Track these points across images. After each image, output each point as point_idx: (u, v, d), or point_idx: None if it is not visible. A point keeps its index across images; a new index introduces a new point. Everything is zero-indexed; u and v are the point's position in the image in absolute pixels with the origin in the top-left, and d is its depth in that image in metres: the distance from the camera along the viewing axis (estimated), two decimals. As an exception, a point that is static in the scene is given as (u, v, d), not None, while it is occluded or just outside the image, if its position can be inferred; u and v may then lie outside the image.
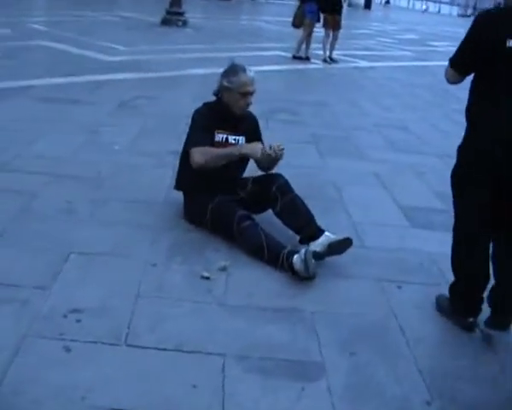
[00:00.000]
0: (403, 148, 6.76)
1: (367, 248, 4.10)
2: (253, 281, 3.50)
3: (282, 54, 13.10)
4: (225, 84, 3.92)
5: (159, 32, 14.90)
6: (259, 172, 4.25)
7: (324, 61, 12.50)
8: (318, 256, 3.70)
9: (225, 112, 3.99)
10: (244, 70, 3.92)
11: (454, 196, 3.26)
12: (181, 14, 16.05)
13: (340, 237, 3.69)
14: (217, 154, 3.87)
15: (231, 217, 3.79)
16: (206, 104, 4.08)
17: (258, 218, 4.10)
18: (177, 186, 4.18)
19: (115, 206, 4.31)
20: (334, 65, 12.44)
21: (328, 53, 12.52)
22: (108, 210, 4.23)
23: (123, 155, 5.42)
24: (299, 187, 4.98)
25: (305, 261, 3.45)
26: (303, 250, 3.50)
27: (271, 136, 6.53)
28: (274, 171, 4.19)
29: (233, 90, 3.90)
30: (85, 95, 7.65)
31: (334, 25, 12.18)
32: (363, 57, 13.92)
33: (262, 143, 4.14)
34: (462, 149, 3.16)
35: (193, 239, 3.92)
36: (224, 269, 3.57)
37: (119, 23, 15.64)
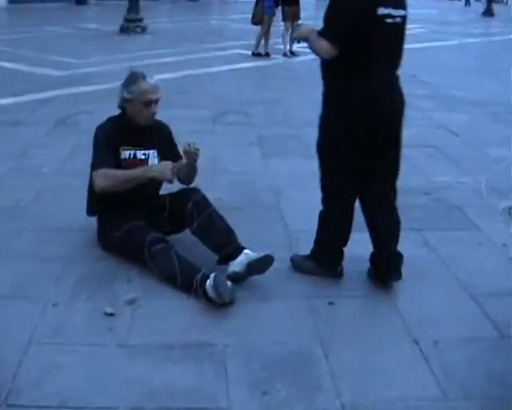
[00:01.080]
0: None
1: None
2: (163, 313, 3.15)
3: (243, 52, 12.76)
4: (126, 95, 3.57)
5: (116, 41, 14.49)
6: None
7: (284, 55, 12.16)
8: (238, 277, 3.37)
9: (130, 125, 3.63)
10: (144, 77, 3.56)
11: (322, 162, 3.37)
12: (139, 20, 15.64)
13: (260, 254, 3.34)
14: (120, 178, 3.53)
15: (142, 241, 3.45)
16: (109, 119, 3.72)
17: (179, 238, 3.77)
18: (89, 211, 3.82)
19: (27, 238, 3.96)
20: (294, 58, 12.06)
21: (288, 47, 12.15)
22: (19, 243, 3.88)
23: (49, 179, 5.07)
24: (234, 195, 4.72)
25: (214, 287, 3.10)
26: (213, 275, 3.16)
27: (214, 140, 6.28)
28: (193, 184, 3.85)
29: (134, 100, 3.55)
30: (26, 115, 7.27)
31: (293, 17, 11.78)
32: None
33: (177, 154, 3.80)
34: (331, 121, 3.22)
35: (103, 269, 3.57)
36: (131, 302, 3.23)
37: (77, 35, 15.22)
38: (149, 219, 3.63)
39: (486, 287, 3.49)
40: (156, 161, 3.71)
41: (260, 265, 3.34)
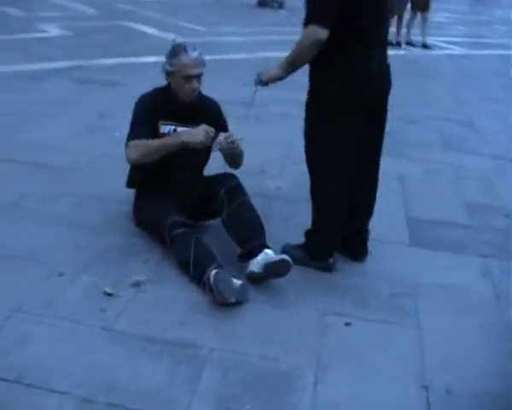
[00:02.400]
0: (456, 146, 5.88)
1: (335, 270, 3.41)
2: (162, 303, 2.97)
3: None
4: (168, 68, 3.40)
5: (251, 14, 14.49)
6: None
7: (408, 44, 11.55)
8: (256, 278, 3.12)
9: (174, 99, 3.45)
10: (185, 49, 3.35)
11: (323, 137, 3.20)
12: (278, -6, 15.51)
13: (277, 257, 3.06)
14: (150, 147, 3.33)
15: (164, 223, 3.27)
16: (155, 89, 3.56)
17: (213, 225, 3.57)
18: (128, 183, 3.70)
19: (68, 201, 3.93)
20: (427, 51, 11.38)
21: (410, 36, 11.60)
22: (57, 206, 3.86)
23: (117, 144, 4.95)
24: (296, 186, 4.47)
25: (214, 284, 2.88)
26: (214, 271, 2.92)
27: (298, 125, 5.92)
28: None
29: (175, 73, 3.37)
30: (128, 77, 7.37)
31: (423, 5, 11.12)
32: (463, 44, 12.61)
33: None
34: (335, 91, 3.05)
35: (127, 246, 3.45)
36: (136, 285, 3.07)
37: (213, 3, 15.35)
38: (181, 200, 3.44)
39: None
40: None
41: (278, 268, 3.06)
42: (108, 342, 2.65)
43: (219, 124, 3.57)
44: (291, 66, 3.11)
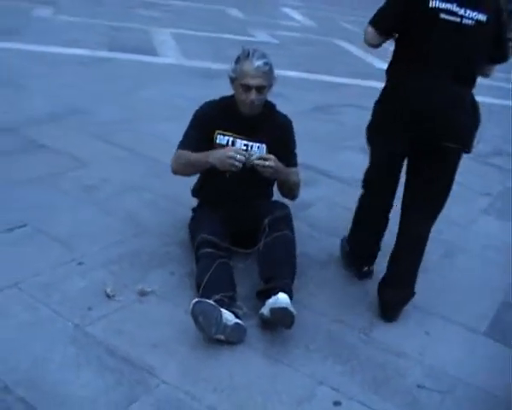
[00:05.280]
0: None
1: (371, 339, 2.95)
2: (151, 319, 2.78)
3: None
4: (230, 74, 3.18)
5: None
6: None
7: None
8: (264, 321, 2.83)
9: (235, 110, 3.22)
10: (248, 56, 3.08)
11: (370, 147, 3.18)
12: None
13: (283, 304, 2.70)
14: (187, 160, 3.19)
15: (194, 239, 3.09)
16: (222, 98, 3.32)
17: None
18: (192, 192, 3.56)
19: (143, 197, 3.95)
20: None
21: None
22: (128, 199, 3.90)
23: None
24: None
25: (193, 316, 2.61)
26: (194, 300, 2.65)
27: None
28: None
29: (236, 81, 3.14)
30: (292, 91, 7.17)
31: None
32: None
33: (289, 158, 3.29)
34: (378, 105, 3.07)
35: (164, 253, 3.34)
36: (142, 294, 2.94)
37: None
38: (229, 221, 3.20)
39: None
40: None
41: (282, 316, 2.70)
42: (68, 342, 2.54)
43: (284, 143, 3.29)
44: None
